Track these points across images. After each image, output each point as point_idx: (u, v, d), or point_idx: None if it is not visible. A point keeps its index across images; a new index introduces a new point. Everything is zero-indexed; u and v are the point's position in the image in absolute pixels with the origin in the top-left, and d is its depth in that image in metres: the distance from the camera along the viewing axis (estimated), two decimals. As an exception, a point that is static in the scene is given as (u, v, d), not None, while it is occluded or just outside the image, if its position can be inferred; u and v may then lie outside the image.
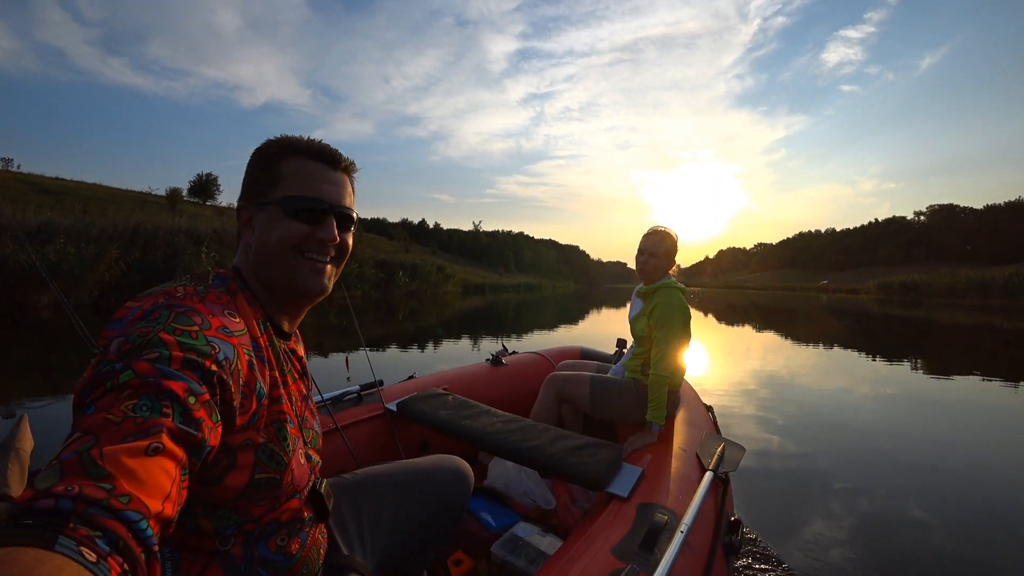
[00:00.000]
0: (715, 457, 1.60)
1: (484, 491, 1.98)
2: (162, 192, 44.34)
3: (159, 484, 0.47)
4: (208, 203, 56.59)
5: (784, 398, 5.20)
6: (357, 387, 2.14)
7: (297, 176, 0.80)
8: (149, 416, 0.51)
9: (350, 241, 0.89)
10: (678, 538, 1.11)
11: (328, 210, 0.82)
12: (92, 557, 0.38)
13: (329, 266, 0.85)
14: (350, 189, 0.88)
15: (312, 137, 0.84)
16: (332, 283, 0.88)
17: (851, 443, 3.78)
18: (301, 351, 0.96)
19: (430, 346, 8.50)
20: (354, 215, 0.88)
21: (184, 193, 51.17)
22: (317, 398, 1.83)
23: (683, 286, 2.13)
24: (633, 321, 2.23)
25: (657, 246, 2.13)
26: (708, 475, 1.46)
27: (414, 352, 7.87)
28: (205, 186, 57.53)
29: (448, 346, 8.56)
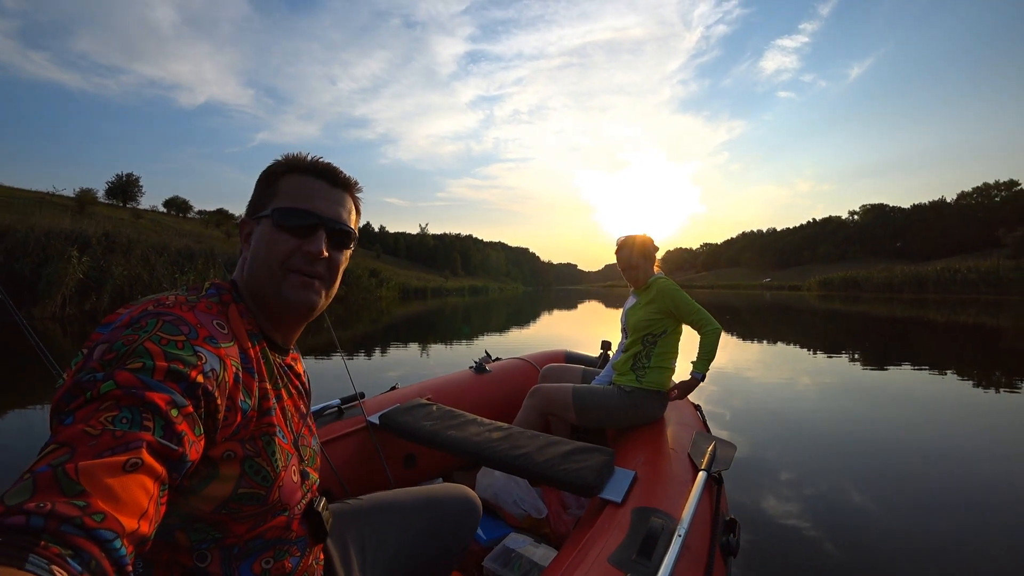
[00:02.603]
0: (707, 456, 1.60)
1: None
2: (69, 193, 40.60)
3: (136, 501, 0.46)
4: (129, 205, 53.01)
5: (746, 393, 5.32)
6: (337, 401, 2.09)
7: (292, 190, 0.81)
8: (129, 429, 0.50)
9: (342, 260, 0.87)
10: (676, 543, 1.10)
11: (319, 224, 0.81)
12: None
13: (318, 282, 0.83)
14: (351, 207, 0.88)
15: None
16: (323, 302, 0.85)
17: (826, 436, 3.89)
18: (300, 368, 0.94)
19: (411, 354, 8.43)
20: (351, 232, 0.87)
21: (101, 195, 47.60)
22: None
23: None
24: (629, 312, 2.37)
25: (636, 258, 2.33)
26: (701, 475, 1.45)
27: (395, 359, 7.77)
28: (125, 187, 53.87)
29: (428, 352, 8.60)
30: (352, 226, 0.87)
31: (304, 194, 0.81)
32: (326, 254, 0.81)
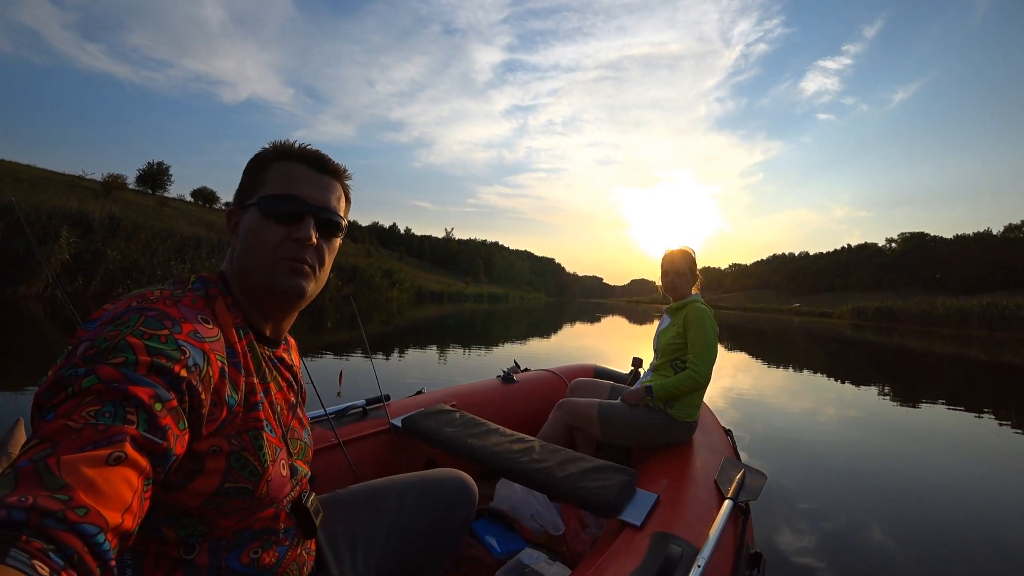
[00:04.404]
0: (734, 485, 1.55)
1: (490, 513, 1.93)
2: (98, 177, 41.73)
3: (119, 495, 0.46)
4: (157, 193, 54.31)
5: (769, 420, 5.17)
6: (362, 401, 2.12)
7: (280, 177, 0.80)
8: (112, 423, 0.50)
9: (332, 249, 0.86)
10: (695, 572, 1.07)
11: (308, 211, 0.80)
12: (44, 571, 0.37)
13: (307, 267, 0.81)
14: (340, 195, 0.86)
15: (295, 138, 0.84)
16: (313, 288, 0.83)
17: (859, 473, 3.75)
18: (294, 359, 0.94)
19: (438, 359, 8.43)
20: (341, 222, 0.86)
21: (131, 181, 48.89)
22: (320, 412, 1.82)
23: (709, 306, 2.26)
24: (661, 333, 2.33)
25: (680, 264, 2.29)
26: (727, 504, 1.41)
27: (422, 363, 7.75)
28: (155, 175, 55.33)
29: (456, 358, 8.55)
30: (341, 214, 0.86)
31: (291, 181, 0.80)
32: (315, 241, 0.80)
